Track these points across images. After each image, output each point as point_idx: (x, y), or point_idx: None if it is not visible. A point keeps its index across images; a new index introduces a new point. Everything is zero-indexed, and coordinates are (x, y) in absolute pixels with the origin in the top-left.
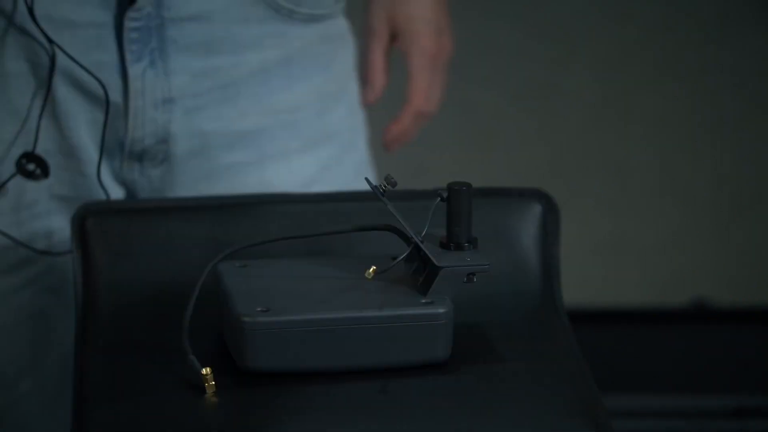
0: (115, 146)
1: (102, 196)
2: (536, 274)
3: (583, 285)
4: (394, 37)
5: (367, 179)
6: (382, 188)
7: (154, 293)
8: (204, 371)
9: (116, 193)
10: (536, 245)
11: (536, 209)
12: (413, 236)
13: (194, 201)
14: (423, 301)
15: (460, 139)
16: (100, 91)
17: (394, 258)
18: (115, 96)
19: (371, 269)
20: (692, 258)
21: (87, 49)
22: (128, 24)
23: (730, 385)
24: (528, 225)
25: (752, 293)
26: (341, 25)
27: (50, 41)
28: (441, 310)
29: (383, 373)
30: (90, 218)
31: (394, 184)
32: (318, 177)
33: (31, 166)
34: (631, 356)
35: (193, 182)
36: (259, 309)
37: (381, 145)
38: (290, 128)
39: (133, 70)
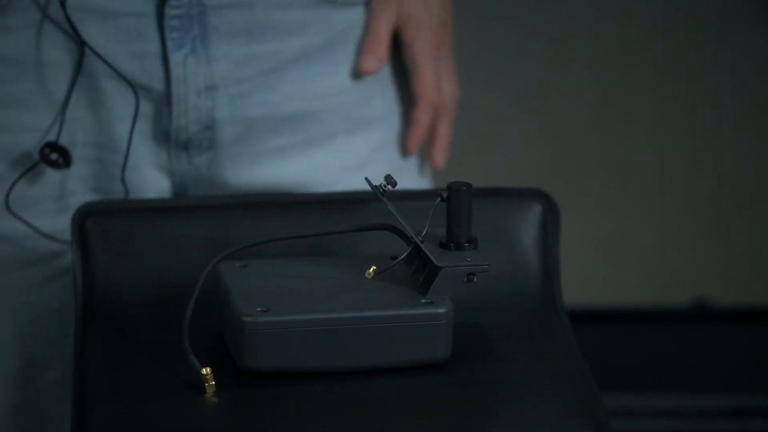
0: (160, 136)
1: (121, 194)
2: (536, 274)
3: (583, 285)
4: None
5: (367, 179)
6: (382, 188)
7: (155, 293)
8: (204, 371)
9: (162, 184)
10: (536, 245)
11: (536, 209)
12: (413, 236)
13: (194, 201)
14: (423, 301)
15: (461, 140)
16: (143, 83)
17: (394, 258)
18: (158, 84)
19: (371, 269)
20: (692, 258)
21: (128, 39)
22: (169, 12)
23: (730, 385)
24: (528, 225)
25: (752, 293)
26: None
27: (81, 39)
28: (441, 310)
29: (383, 373)
30: (90, 218)
31: (394, 184)
32: (371, 158)
33: (54, 155)
34: (631, 356)
35: (240, 168)
36: (259, 309)
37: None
38: (336, 112)
39: (175, 58)
